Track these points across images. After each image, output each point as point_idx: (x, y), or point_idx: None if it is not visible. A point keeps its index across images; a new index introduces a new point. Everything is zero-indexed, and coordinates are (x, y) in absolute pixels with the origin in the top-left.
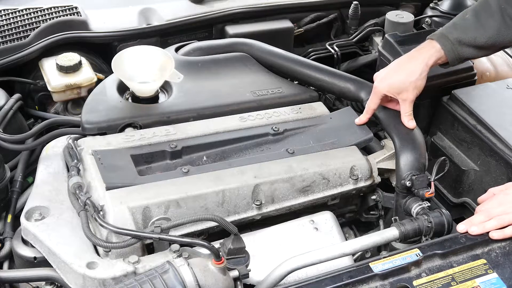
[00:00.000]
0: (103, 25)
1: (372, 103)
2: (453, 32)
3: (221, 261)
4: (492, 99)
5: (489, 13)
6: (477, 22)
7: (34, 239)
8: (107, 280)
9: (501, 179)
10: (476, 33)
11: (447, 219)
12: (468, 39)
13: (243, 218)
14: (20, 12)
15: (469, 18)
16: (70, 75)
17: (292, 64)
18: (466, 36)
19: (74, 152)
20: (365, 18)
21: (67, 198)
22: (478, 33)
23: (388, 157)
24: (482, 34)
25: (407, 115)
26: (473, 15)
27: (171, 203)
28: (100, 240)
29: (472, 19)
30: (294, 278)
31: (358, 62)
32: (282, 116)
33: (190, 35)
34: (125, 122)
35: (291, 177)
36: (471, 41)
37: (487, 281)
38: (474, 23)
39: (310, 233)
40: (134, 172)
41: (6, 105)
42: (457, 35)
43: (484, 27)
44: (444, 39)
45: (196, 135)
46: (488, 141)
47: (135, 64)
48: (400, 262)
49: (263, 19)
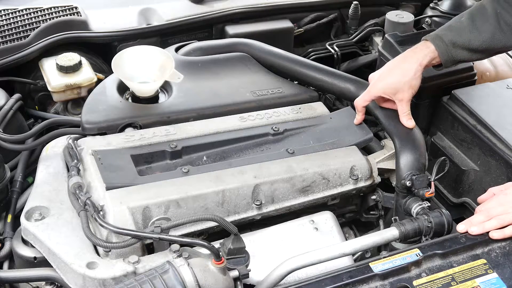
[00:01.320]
0: (103, 25)
1: (361, 101)
2: (448, 34)
3: (221, 261)
4: (492, 99)
5: (484, 17)
6: (472, 25)
7: (34, 239)
8: (107, 280)
9: (501, 179)
10: (471, 36)
11: (447, 219)
12: (462, 42)
13: (243, 218)
14: (20, 12)
15: (465, 21)
16: (70, 75)
17: (292, 64)
18: (461, 39)
19: (74, 152)
20: (365, 18)
21: (67, 198)
22: (473, 36)
23: (388, 157)
24: (477, 37)
25: (405, 115)
26: (469, 18)
27: (171, 203)
28: (100, 240)
29: (467, 22)
30: (294, 278)
31: (358, 62)
32: (282, 116)
33: (190, 35)
34: (125, 122)
35: (291, 177)
36: (465, 43)
37: (487, 281)
38: (469, 26)
39: (310, 233)
40: (134, 172)
41: (6, 105)
42: (451, 37)
43: (479, 30)
44: (439, 40)
45: (196, 135)
46: (488, 141)
47: (135, 64)
48: (400, 262)
49: (263, 19)
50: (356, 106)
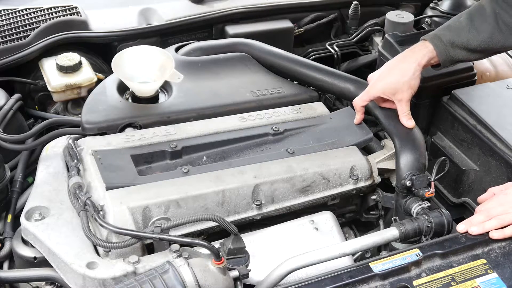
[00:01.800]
0: (103, 25)
1: (360, 100)
2: (447, 34)
3: (221, 261)
4: (492, 99)
5: (483, 17)
6: (470, 25)
7: (34, 239)
8: (107, 280)
9: (501, 179)
10: (469, 36)
11: (447, 219)
12: (461, 42)
13: (243, 218)
14: (20, 12)
15: (463, 21)
16: (70, 75)
17: (292, 64)
18: (459, 38)
19: (74, 152)
20: (365, 18)
21: (67, 198)
22: (471, 36)
23: (388, 157)
24: (475, 37)
25: (405, 115)
26: (467, 18)
27: (171, 203)
28: (100, 240)
29: (466, 22)
30: (294, 278)
31: (358, 62)
32: (282, 116)
33: (190, 35)
34: (125, 122)
35: (291, 177)
36: (463, 43)
37: (487, 281)
38: (467, 26)
39: (310, 233)
40: (134, 172)
41: (6, 105)
42: (450, 37)
43: (478, 30)
44: (437, 40)
45: (196, 135)
46: (488, 141)
47: (135, 64)
48: (400, 262)
49: (263, 19)
50: (355, 106)
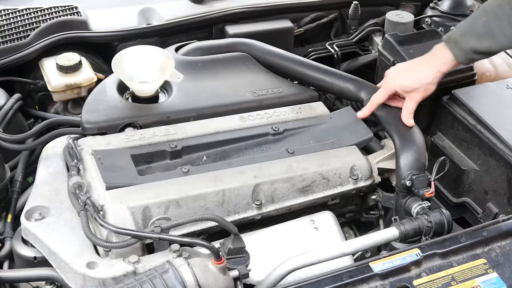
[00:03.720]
0: (103, 25)
1: (380, 97)
2: (468, 41)
3: (221, 261)
4: (492, 99)
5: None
6: (492, 30)
7: (34, 239)
8: (107, 280)
9: (501, 178)
10: (491, 42)
11: (447, 219)
12: (483, 49)
13: (243, 218)
14: (20, 12)
15: (486, 25)
16: (70, 75)
17: (292, 64)
18: (481, 45)
19: (74, 152)
20: (365, 18)
21: (67, 198)
22: (493, 42)
23: (388, 157)
24: (497, 43)
25: (408, 113)
26: (490, 21)
27: (171, 203)
28: (100, 240)
29: (488, 27)
30: (294, 278)
31: (358, 62)
32: (282, 116)
33: (190, 35)
34: (125, 122)
35: (291, 177)
36: (486, 50)
37: (487, 281)
38: (490, 32)
39: (310, 233)
40: (134, 172)
41: (6, 105)
42: (472, 44)
43: (500, 35)
44: (458, 50)
45: (196, 135)
46: (488, 141)
47: (135, 64)
48: (400, 261)
49: (263, 19)
50: (373, 102)
